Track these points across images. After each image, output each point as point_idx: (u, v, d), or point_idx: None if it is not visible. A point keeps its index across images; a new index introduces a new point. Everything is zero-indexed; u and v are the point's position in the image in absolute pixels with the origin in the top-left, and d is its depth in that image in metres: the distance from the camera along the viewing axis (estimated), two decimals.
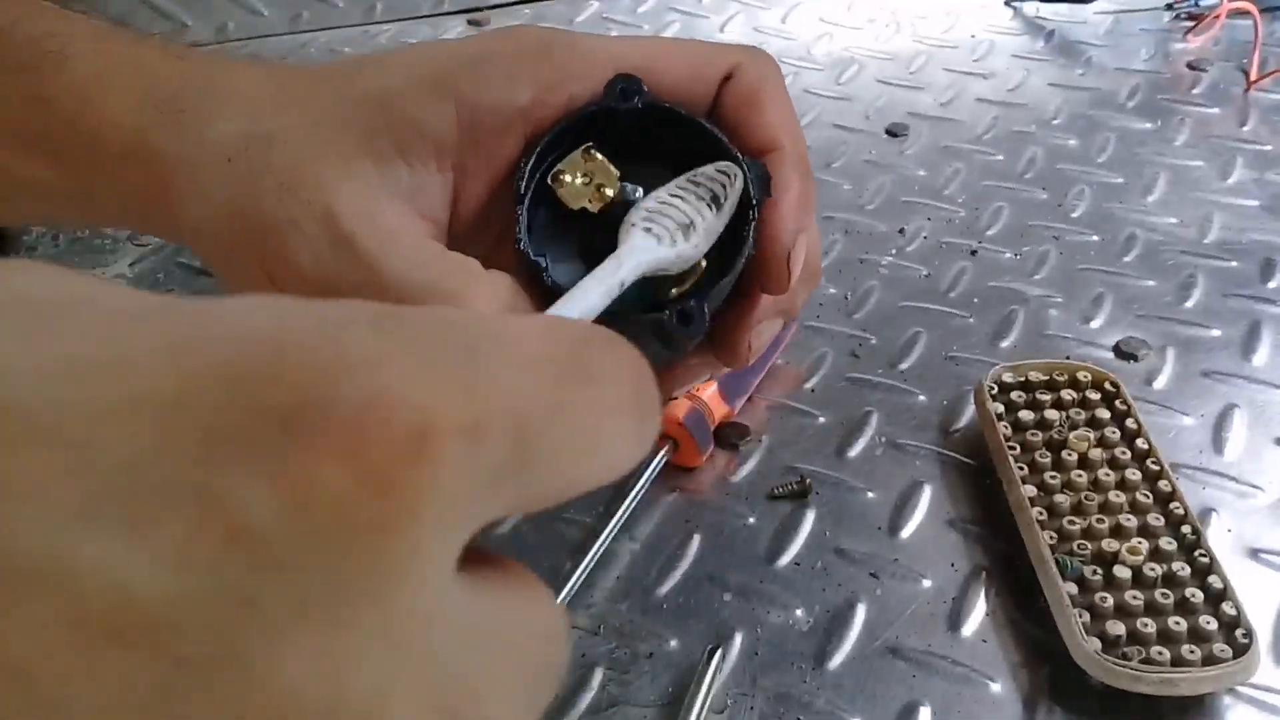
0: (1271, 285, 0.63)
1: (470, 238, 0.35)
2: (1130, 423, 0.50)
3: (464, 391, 0.14)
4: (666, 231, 0.33)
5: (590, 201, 0.35)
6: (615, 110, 0.35)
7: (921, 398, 0.57)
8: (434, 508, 0.13)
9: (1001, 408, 0.52)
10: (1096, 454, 0.49)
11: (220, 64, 0.36)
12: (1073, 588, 0.44)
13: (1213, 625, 0.42)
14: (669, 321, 0.33)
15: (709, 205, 0.34)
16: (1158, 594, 0.43)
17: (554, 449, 0.15)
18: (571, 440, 0.16)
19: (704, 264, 0.35)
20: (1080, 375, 0.53)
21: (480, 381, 0.14)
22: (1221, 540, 0.48)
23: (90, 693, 0.12)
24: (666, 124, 0.35)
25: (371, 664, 0.13)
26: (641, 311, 0.34)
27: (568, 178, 0.35)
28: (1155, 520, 0.46)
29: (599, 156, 0.35)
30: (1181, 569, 0.44)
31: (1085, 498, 0.47)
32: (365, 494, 0.13)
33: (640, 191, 0.35)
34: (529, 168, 0.34)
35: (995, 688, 0.43)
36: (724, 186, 0.34)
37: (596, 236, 0.35)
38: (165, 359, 0.13)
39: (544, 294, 0.34)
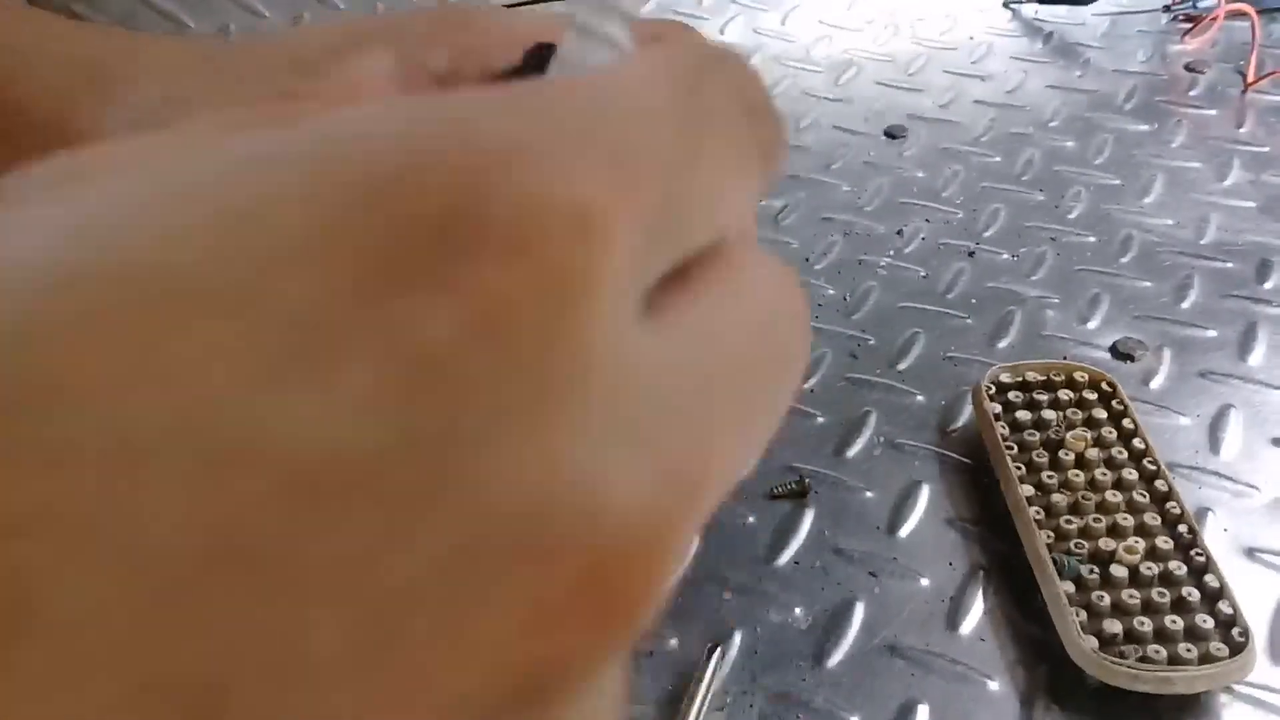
0: (1268, 286, 0.64)
1: None
2: (1127, 423, 0.51)
3: (610, 164, 0.13)
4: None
5: None
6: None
7: (920, 398, 0.57)
8: (606, 284, 0.13)
9: (999, 408, 0.52)
10: (1093, 454, 0.49)
11: (143, 37, 0.37)
12: (1070, 586, 0.44)
13: (1209, 624, 0.42)
14: None
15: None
16: (1154, 593, 0.43)
17: (699, 188, 0.15)
18: (711, 176, 0.15)
19: None
20: (1077, 375, 0.53)
21: (621, 148, 0.14)
22: (1218, 539, 0.49)
23: (316, 559, 0.11)
24: None
25: (578, 445, 0.13)
26: None
27: None
28: (1152, 519, 0.46)
29: None
30: (1178, 568, 0.44)
31: (1082, 497, 0.47)
32: (541, 291, 0.12)
33: None
34: None
35: (993, 686, 0.44)
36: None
37: None
38: (300, 194, 0.12)
39: None
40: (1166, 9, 0.91)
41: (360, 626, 0.12)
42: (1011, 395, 0.53)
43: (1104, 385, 0.53)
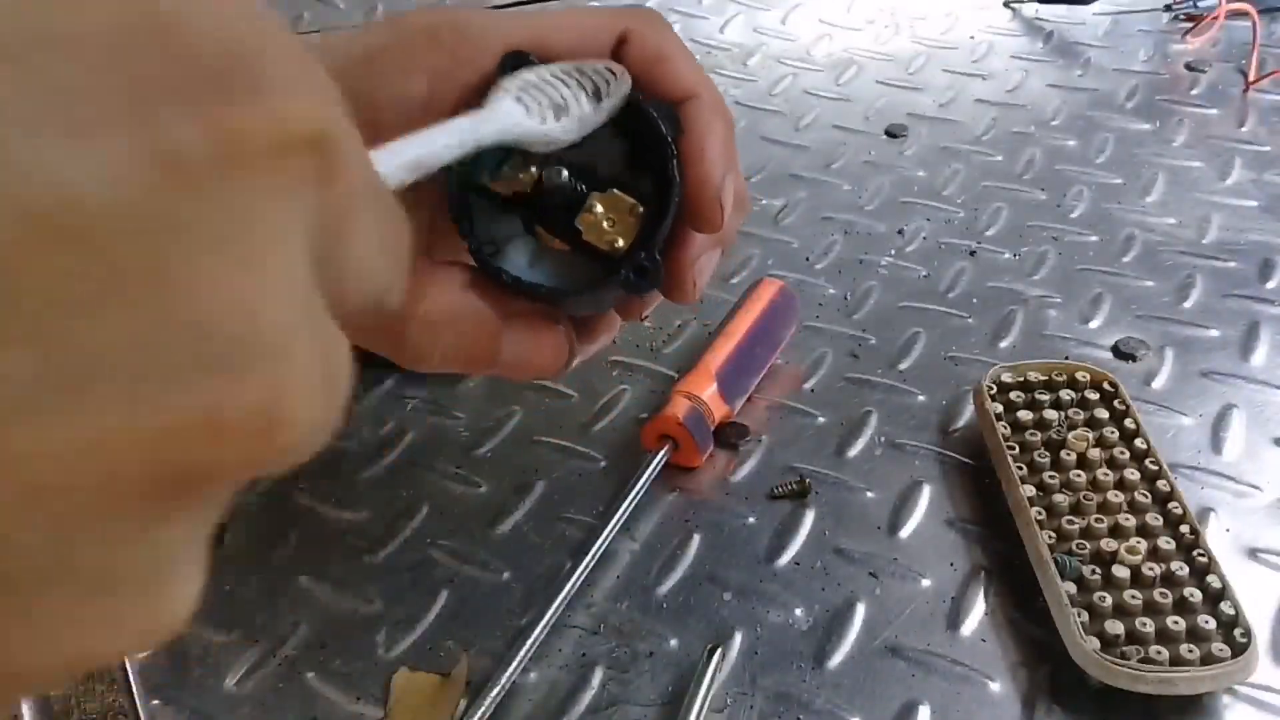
0: (1270, 285, 0.64)
1: None
2: (1129, 423, 0.51)
3: (340, 134, 0.17)
4: (538, 105, 0.33)
5: (521, 182, 0.36)
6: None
7: (921, 398, 0.57)
8: (310, 194, 0.16)
9: (1000, 408, 0.52)
10: (1095, 454, 0.49)
11: None
12: (1071, 587, 0.44)
13: (1211, 625, 0.42)
14: (628, 279, 0.35)
15: (589, 96, 0.34)
16: (1156, 593, 0.43)
17: (354, 236, 0.18)
18: (363, 240, 0.18)
19: (642, 210, 0.36)
20: (1079, 375, 0.53)
21: (346, 143, 0.17)
22: (1220, 540, 0.48)
23: (37, 286, 0.13)
24: None
25: (275, 302, 0.15)
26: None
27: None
28: (1154, 520, 0.46)
29: None
30: (1180, 568, 0.44)
31: (1084, 497, 0.47)
32: (277, 155, 0.15)
33: (565, 172, 0.36)
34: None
35: (994, 687, 0.43)
36: (607, 83, 0.35)
37: (535, 212, 0.36)
38: (115, 4, 0.14)
39: (501, 287, 0.36)
40: (1167, 8, 0.90)
41: (49, 358, 0.13)
42: (1013, 395, 0.53)
43: (1106, 385, 0.53)
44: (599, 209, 0.36)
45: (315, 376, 0.16)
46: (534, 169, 0.36)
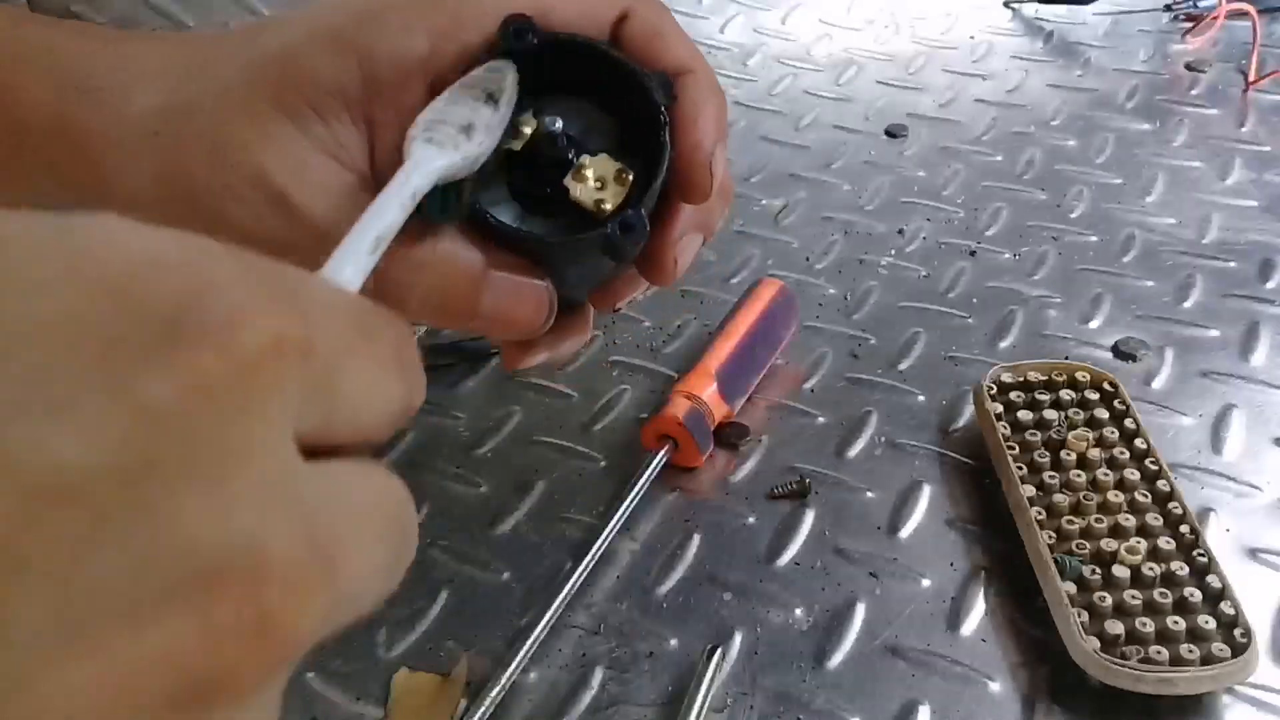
0: (1270, 285, 0.64)
1: None
2: (1129, 423, 0.51)
3: (300, 318, 0.18)
4: (448, 138, 0.34)
5: (512, 141, 0.36)
6: (512, 51, 0.36)
7: (921, 398, 0.57)
8: (282, 393, 0.17)
9: (1000, 408, 0.52)
10: (1095, 454, 0.49)
11: (129, 40, 0.38)
12: (1071, 587, 0.44)
13: (1211, 625, 0.42)
14: (613, 234, 0.35)
15: (485, 103, 0.35)
16: (1156, 593, 0.43)
17: (348, 381, 0.19)
18: (359, 378, 0.20)
19: (631, 177, 0.36)
20: (1079, 375, 0.53)
21: (309, 313, 0.18)
22: (1220, 540, 0.48)
23: (36, 545, 0.15)
24: (568, 54, 0.36)
25: (248, 508, 0.16)
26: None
27: None
28: (1154, 520, 0.46)
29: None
30: (1180, 568, 0.44)
31: (1084, 497, 0.47)
32: (237, 379, 0.16)
33: (559, 122, 0.36)
34: None
35: (994, 687, 0.43)
36: (497, 84, 0.35)
37: (524, 173, 0.36)
38: (66, 279, 0.16)
39: (485, 235, 0.36)
40: (1167, 8, 0.90)
41: (60, 609, 0.15)
42: (1013, 395, 0.53)
43: (1106, 385, 0.53)
44: (588, 172, 0.37)
45: (300, 565, 0.17)
46: (526, 130, 0.36)
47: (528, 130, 0.36)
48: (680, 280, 0.40)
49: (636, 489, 0.50)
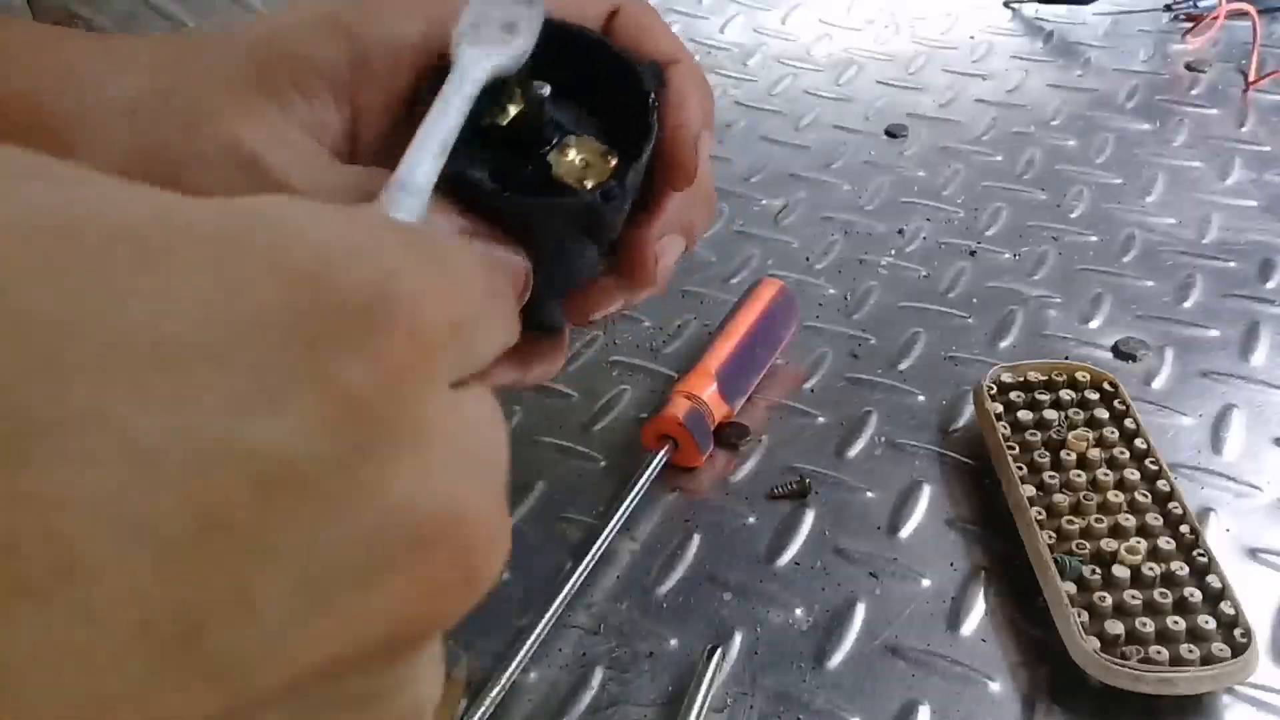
0: (1270, 285, 0.64)
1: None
2: (1129, 423, 0.51)
3: (460, 294, 0.20)
4: (493, 36, 0.34)
5: (499, 116, 0.36)
6: None
7: (921, 398, 0.57)
8: (451, 363, 0.20)
9: (1000, 408, 0.52)
10: (1095, 454, 0.49)
11: (119, 37, 0.39)
12: (1071, 587, 0.44)
13: (1211, 625, 0.42)
14: (594, 201, 0.35)
15: (521, 1, 0.35)
16: (1156, 593, 0.43)
17: (483, 336, 0.22)
18: (490, 332, 0.22)
19: (615, 160, 0.36)
20: (1079, 375, 0.53)
21: (460, 284, 0.20)
22: (1220, 540, 0.48)
23: (275, 530, 0.17)
24: (556, 42, 0.37)
25: (444, 474, 0.19)
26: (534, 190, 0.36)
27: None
28: (1154, 520, 0.46)
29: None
30: (1180, 568, 0.44)
31: (1084, 497, 0.47)
32: (422, 359, 0.19)
33: (547, 88, 0.36)
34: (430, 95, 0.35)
35: (994, 687, 0.43)
36: None
37: (506, 152, 0.36)
38: (267, 277, 0.18)
39: (464, 200, 0.35)
40: (1167, 8, 0.90)
41: (300, 582, 0.17)
42: (1013, 395, 0.53)
43: (1106, 385, 0.53)
44: (572, 150, 0.37)
45: (491, 515, 0.20)
46: (511, 108, 0.36)
47: (513, 109, 0.36)
48: (680, 281, 0.40)
49: (636, 489, 0.50)
